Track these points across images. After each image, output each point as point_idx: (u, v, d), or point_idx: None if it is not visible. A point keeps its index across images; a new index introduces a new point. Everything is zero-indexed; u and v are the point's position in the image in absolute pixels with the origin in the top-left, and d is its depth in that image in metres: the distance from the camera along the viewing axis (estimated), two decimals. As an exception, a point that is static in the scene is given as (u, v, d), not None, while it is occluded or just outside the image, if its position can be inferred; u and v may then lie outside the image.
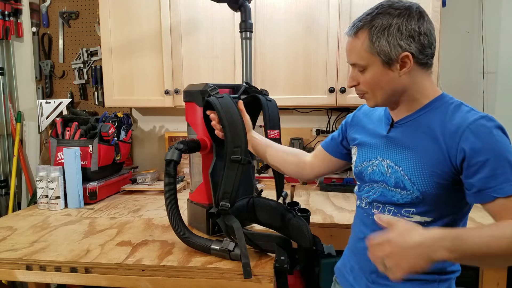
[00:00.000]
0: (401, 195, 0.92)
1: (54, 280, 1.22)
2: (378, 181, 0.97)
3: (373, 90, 0.93)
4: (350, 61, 0.94)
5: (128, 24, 2.07)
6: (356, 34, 0.90)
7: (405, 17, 0.87)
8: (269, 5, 1.95)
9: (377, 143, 1.00)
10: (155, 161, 2.47)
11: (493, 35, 2.16)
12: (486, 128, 0.83)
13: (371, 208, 1.00)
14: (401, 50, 0.87)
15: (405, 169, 0.91)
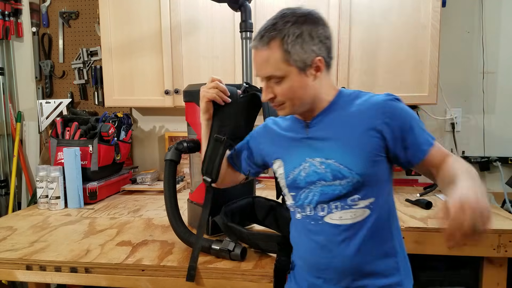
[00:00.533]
0: (342, 186, 0.93)
1: (54, 280, 1.22)
2: (315, 181, 0.96)
3: (291, 99, 0.94)
4: (265, 74, 0.93)
5: (128, 24, 2.07)
6: (268, 45, 0.89)
7: (312, 23, 0.90)
8: (269, 5, 1.95)
9: (301, 146, 1.01)
10: (155, 161, 2.47)
11: (493, 35, 2.16)
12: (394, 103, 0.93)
13: (317, 212, 0.97)
14: (314, 55, 0.90)
15: (338, 159, 0.93)
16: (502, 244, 1.47)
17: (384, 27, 1.89)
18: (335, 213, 0.95)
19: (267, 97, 0.96)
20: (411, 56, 1.89)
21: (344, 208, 0.94)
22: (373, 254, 0.95)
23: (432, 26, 1.85)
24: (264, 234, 1.22)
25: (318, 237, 0.97)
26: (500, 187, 2.09)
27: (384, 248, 0.96)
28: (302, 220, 1.01)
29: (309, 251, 1.00)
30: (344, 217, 0.94)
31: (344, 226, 0.94)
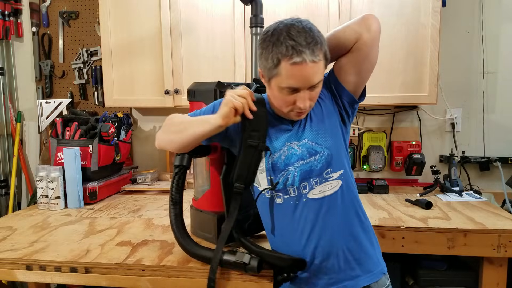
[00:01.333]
0: (316, 161, 1.05)
1: (54, 280, 1.22)
2: (294, 162, 1.06)
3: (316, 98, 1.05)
4: (315, 82, 0.98)
5: (128, 24, 2.07)
6: (319, 57, 0.96)
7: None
8: (269, 5, 1.94)
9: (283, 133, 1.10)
10: (155, 161, 2.47)
11: (493, 35, 2.16)
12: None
13: (301, 191, 1.06)
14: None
15: (309, 138, 1.07)
16: (502, 244, 1.47)
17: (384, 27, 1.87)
18: (315, 188, 1.05)
19: (308, 103, 1.01)
20: (411, 56, 1.89)
21: (322, 182, 1.05)
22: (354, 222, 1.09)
23: (432, 26, 1.85)
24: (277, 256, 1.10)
25: (309, 214, 1.05)
26: (500, 187, 2.09)
27: (361, 219, 1.11)
28: (287, 201, 1.07)
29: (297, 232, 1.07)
30: (324, 189, 1.05)
31: (326, 198, 1.05)
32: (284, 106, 1.03)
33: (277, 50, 0.95)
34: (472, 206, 1.79)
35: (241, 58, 1.99)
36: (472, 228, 1.49)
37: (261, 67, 1.02)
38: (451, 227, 1.50)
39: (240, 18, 1.96)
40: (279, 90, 1.00)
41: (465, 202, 1.86)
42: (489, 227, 1.49)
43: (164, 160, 2.42)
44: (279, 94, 1.01)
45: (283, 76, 0.96)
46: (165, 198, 1.98)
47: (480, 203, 1.84)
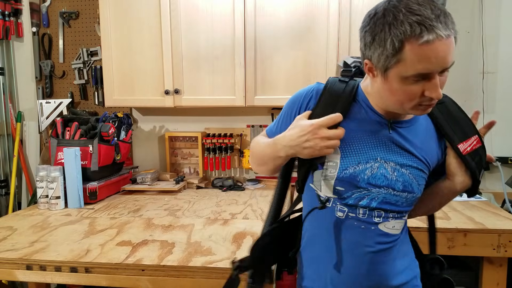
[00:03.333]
0: (406, 199, 0.91)
1: (54, 280, 1.22)
2: (381, 186, 0.89)
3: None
4: (449, 63, 0.78)
5: (128, 24, 2.07)
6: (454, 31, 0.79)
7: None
8: (269, 5, 1.95)
9: (373, 142, 0.90)
10: (155, 161, 2.47)
11: (493, 35, 2.16)
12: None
13: (372, 218, 0.90)
14: None
15: (412, 172, 0.90)
16: (502, 244, 1.47)
17: (384, 27, 1.89)
18: (390, 221, 0.92)
19: (440, 92, 0.80)
20: (411, 56, 1.89)
21: (397, 219, 0.93)
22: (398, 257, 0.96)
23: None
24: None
25: (367, 241, 0.91)
26: (500, 187, 2.09)
27: (405, 250, 1.00)
28: (346, 220, 0.91)
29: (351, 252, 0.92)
30: (396, 226, 0.93)
31: (395, 236, 0.94)
32: (407, 101, 0.81)
33: (398, 31, 0.74)
34: (472, 206, 1.79)
35: (241, 58, 1.99)
36: (472, 228, 1.49)
37: (373, 57, 0.81)
38: (451, 227, 1.50)
39: (240, 18, 1.96)
40: (401, 81, 0.79)
41: (465, 202, 1.87)
42: (489, 227, 1.49)
43: (164, 160, 2.42)
44: (400, 87, 0.79)
45: (408, 62, 0.75)
46: (165, 198, 1.99)
47: (480, 203, 1.84)
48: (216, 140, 2.29)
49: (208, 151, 2.30)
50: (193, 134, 2.34)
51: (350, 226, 0.91)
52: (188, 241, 1.37)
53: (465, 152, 0.91)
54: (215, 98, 2.04)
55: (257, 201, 1.93)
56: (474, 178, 0.92)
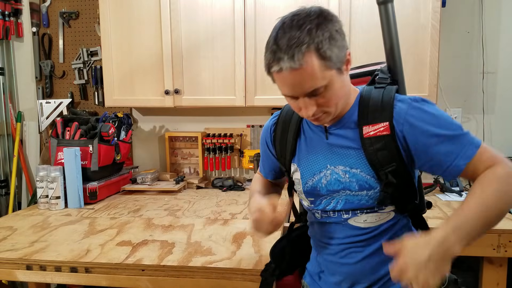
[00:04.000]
0: (368, 196, 0.90)
1: (54, 280, 1.22)
2: (339, 190, 0.92)
3: (335, 104, 0.86)
4: (308, 90, 0.81)
5: (128, 24, 2.07)
6: (304, 60, 0.77)
7: (330, 20, 0.82)
8: (269, 5, 1.95)
9: (316, 152, 0.96)
10: (155, 161, 2.47)
11: (493, 35, 2.16)
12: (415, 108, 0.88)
13: (341, 215, 0.95)
14: (345, 50, 0.84)
15: (364, 170, 0.89)
16: (502, 244, 1.47)
17: (384, 27, 1.89)
18: (360, 216, 0.93)
19: (312, 111, 0.84)
20: (411, 56, 1.89)
21: (369, 212, 0.92)
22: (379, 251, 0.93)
23: (432, 26, 1.85)
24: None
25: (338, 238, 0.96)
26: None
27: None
28: (321, 219, 0.99)
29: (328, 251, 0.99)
30: (369, 220, 0.93)
31: (368, 229, 0.93)
32: (299, 113, 0.89)
33: (265, 57, 0.82)
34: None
35: (241, 58, 1.99)
36: (472, 228, 1.49)
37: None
38: (451, 227, 1.50)
39: (240, 18, 1.96)
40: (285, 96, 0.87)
41: (465, 202, 1.86)
42: (489, 227, 1.49)
43: (164, 160, 2.42)
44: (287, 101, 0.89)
45: (277, 84, 0.85)
46: (165, 198, 1.98)
47: (480, 203, 1.84)
48: (216, 140, 2.29)
49: (208, 151, 2.30)
50: (193, 134, 2.34)
51: (325, 224, 0.99)
52: (188, 241, 1.37)
53: (366, 135, 0.88)
54: (215, 98, 2.04)
55: (257, 201, 1.93)
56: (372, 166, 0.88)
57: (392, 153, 0.86)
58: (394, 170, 0.86)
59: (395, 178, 0.86)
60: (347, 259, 0.96)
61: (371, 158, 0.87)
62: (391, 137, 0.86)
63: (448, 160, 0.83)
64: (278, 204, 0.95)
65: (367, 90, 0.93)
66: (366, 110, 0.90)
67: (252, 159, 2.25)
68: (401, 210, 0.93)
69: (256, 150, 2.28)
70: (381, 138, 0.87)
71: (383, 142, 0.86)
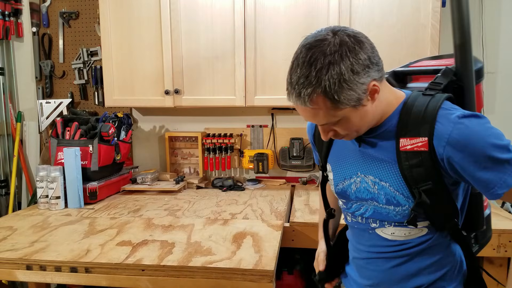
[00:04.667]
0: (396, 212, 0.87)
1: (54, 280, 1.22)
2: (367, 199, 0.91)
3: (356, 131, 0.84)
4: (319, 123, 0.83)
5: (128, 24, 2.07)
6: (310, 102, 0.76)
7: (349, 54, 0.75)
8: (269, 5, 1.95)
9: (349, 157, 0.94)
10: (155, 161, 2.47)
11: (493, 35, 2.16)
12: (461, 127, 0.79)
13: (369, 224, 0.93)
14: (365, 86, 0.77)
15: (393, 185, 0.85)
16: (502, 244, 1.47)
17: (384, 27, 1.89)
18: (387, 228, 0.90)
19: (328, 135, 0.85)
20: (411, 56, 1.89)
21: (398, 226, 0.89)
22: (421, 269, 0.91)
23: (432, 26, 1.85)
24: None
25: (365, 245, 0.97)
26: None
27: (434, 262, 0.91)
28: (352, 223, 1.00)
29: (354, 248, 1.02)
30: (397, 234, 0.90)
31: (395, 242, 0.90)
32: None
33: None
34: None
35: (241, 58, 1.99)
36: (472, 228, 1.49)
37: None
38: (451, 227, 1.50)
39: (240, 18, 1.96)
40: None
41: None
42: (489, 227, 1.49)
43: (164, 160, 2.42)
44: None
45: None
46: (165, 198, 1.99)
47: (480, 203, 1.84)
48: (216, 140, 2.29)
49: (208, 151, 2.30)
50: (193, 134, 2.34)
51: (353, 228, 1.01)
52: (188, 241, 1.37)
53: (403, 148, 0.82)
54: (215, 98, 2.04)
55: (257, 201, 1.93)
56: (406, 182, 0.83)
57: (429, 171, 0.80)
58: (430, 189, 0.81)
59: (430, 197, 0.81)
60: (373, 266, 0.96)
61: (405, 174, 0.82)
62: (429, 155, 0.80)
63: (488, 188, 0.79)
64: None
65: (413, 97, 0.85)
66: (406, 120, 0.83)
67: (252, 159, 2.25)
68: (438, 228, 0.88)
69: (256, 150, 2.29)
70: (418, 154, 0.81)
71: (419, 159, 0.81)
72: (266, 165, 2.23)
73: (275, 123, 2.33)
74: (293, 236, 1.59)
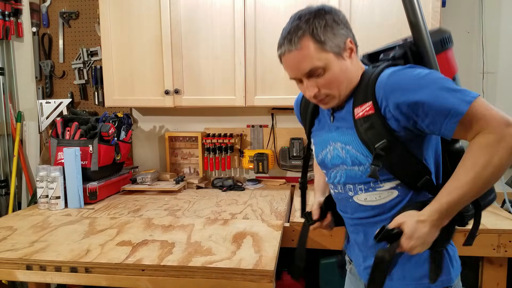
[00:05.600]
0: (361, 172, 0.96)
1: (54, 280, 1.22)
2: (339, 164, 1.01)
3: (337, 86, 0.93)
4: (305, 69, 0.91)
5: (128, 24, 2.07)
6: (300, 44, 0.90)
7: (329, 12, 0.92)
8: (269, 5, 1.95)
9: (325, 131, 1.06)
10: (155, 161, 2.47)
11: (493, 35, 2.16)
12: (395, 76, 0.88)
13: (347, 192, 1.03)
14: (344, 38, 0.92)
15: (354, 147, 0.96)
16: (502, 244, 1.47)
17: (384, 27, 1.89)
18: (360, 194, 1.00)
19: (312, 91, 0.94)
20: (411, 56, 1.89)
21: (368, 191, 0.98)
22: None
23: (432, 26, 1.84)
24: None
25: (349, 213, 1.05)
26: (500, 187, 2.09)
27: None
28: (336, 195, 1.09)
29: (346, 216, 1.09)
30: (369, 198, 0.98)
31: (369, 206, 0.99)
32: (306, 97, 1.00)
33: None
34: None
35: (241, 58, 1.99)
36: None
37: None
38: (451, 227, 1.50)
39: (240, 18, 1.96)
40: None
41: (465, 202, 1.86)
42: (489, 227, 1.49)
43: (164, 160, 2.42)
44: (297, 86, 1.00)
45: (284, 69, 0.97)
46: (165, 198, 1.99)
47: (480, 203, 1.84)
48: (216, 140, 2.29)
49: (208, 151, 2.30)
50: (193, 134, 2.34)
51: (338, 200, 1.10)
52: (188, 241, 1.37)
53: (357, 116, 0.94)
54: (215, 98, 2.04)
55: (257, 201, 1.93)
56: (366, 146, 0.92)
57: (381, 130, 0.89)
58: (387, 146, 0.89)
59: (389, 153, 0.89)
60: (356, 234, 1.06)
61: (362, 137, 0.93)
62: (377, 115, 0.89)
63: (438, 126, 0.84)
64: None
65: (366, 70, 0.97)
66: (358, 92, 0.95)
67: (252, 159, 2.25)
68: (410, 186, 0.94)
69: (256, 150, 2.29)
70: (367, 118, 0.91)
71: (371, 122, 0.91)
72: (266, 165, 2.23)
73: (275, 123, 2.33)
74: (293, 236, 1.59)
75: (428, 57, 0.95)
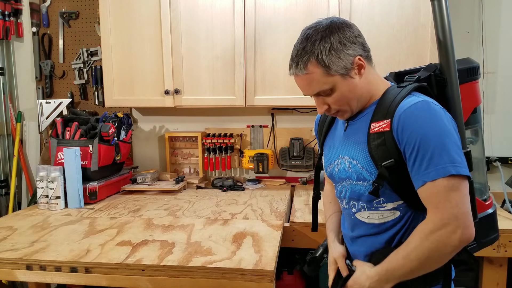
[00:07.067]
0: (365, 188, 0.97)
1: (54, 280, 1.22)
2: (345, 178, 1.03)
3: (347, 103, 0.97)
4: (313, 92, 0.96)
5: (128, 24, 2.07)
6: (306, 69, 0.92)
7: (337, 31, 0.93)
8: (269, 5, 1.95)
9: (336, 142, 1.07)
10: (155, 161, 2.47)
11: (493, 35, 2.16)
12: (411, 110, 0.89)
13: (350, 208, 1.04)
14: (351, 58, 0.93)
15: (360, 162, 0.97)
16: (502, 244, 1.47)
17: (384, 27, 1.89)
18: (363, 212, 1.01)
19: (323, 108, 0.99)
20: (411, 56, 1.89)
21: (370, 209, 0.99)
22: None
23: (432, 26, 1.84)
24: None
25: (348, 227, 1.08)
26: (500, 187, 2.09)
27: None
28: (343, 209, 1.11)
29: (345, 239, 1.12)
30: (372, 217, 0.99)
31: (372, 224, 1.00)
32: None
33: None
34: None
35: (241, 57, 1.99)
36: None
37: None
38: (451, 227, 1.49)
39: (240, 18, 1.96)
40: None
41: (465, 202, 1.86)
42: (489, 227, 1.49)
43: (164, 160, 2.42)
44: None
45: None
46: (165, 198, 1.99)
47: (480, 203, 1.84)
48: (216, 140, 2.29)
49: (208, 151, 2.30)
50: (193, 134, 2.34)
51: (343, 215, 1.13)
52: (188, 241, 1.37)
53: (372, 131, 0.95)
54: (215, 98, 2.04)
55: (257, 201, 1.93)
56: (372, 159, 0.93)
57: (391, 149, 0.91)
58: (392, 166, 0.91)
59: (393, 174, 0.91)
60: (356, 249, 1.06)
61: (372, 152, 0.94)
62: (391, 134, 0.91)
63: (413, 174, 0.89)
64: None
65: (391, 88, 0.99)
66: (379, 108, 0.96)
67: (252, 159, 2.25)
68: (413, 206, 0.94)
69: (256, 150, 2.29)
70: (382, 134, 0.92)
71: (383, 138, 0.92)
72: (266, 165, 2.23)
73: (275, 123, 2.33)
74: (293, 236, 1.59)
75: (451, 84, 0.98)
